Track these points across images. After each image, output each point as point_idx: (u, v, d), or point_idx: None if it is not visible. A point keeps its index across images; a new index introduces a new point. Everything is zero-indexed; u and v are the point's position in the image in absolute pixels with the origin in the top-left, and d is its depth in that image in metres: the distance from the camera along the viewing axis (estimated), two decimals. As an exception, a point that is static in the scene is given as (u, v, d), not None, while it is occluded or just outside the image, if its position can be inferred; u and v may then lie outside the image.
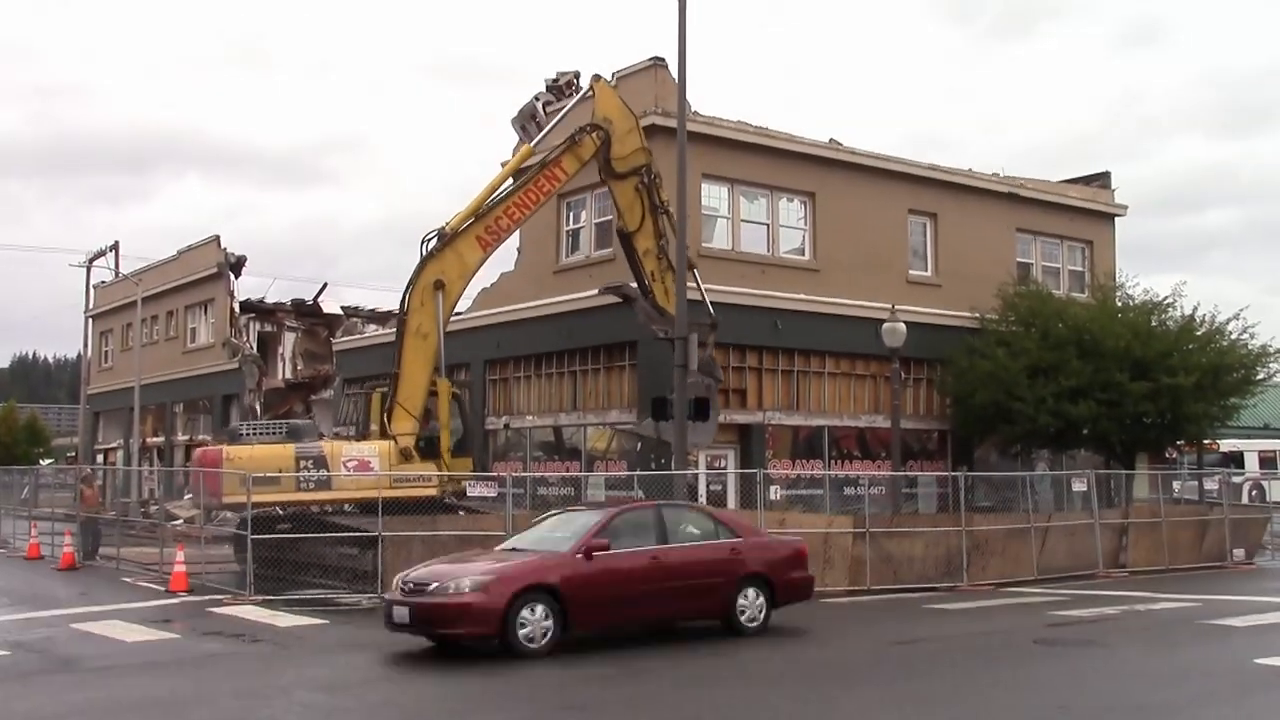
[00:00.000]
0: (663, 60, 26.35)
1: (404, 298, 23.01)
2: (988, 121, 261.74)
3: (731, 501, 25.19)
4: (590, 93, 24.85)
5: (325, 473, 21.62)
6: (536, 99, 29.70)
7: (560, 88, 29.82)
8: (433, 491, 22.06)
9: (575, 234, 28.96)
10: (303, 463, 21.68)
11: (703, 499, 24.63)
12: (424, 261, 22.82)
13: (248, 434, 23.17)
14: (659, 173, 24.20)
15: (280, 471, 21.34)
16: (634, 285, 24.58)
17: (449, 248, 22.92)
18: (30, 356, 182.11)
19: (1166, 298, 30.45)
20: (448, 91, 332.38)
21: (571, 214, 28.70)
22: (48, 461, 64.93)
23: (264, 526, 22.16)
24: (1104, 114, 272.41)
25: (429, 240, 22.92)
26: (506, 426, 29.73)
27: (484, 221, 23.22)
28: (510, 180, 24.55)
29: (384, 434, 22.65)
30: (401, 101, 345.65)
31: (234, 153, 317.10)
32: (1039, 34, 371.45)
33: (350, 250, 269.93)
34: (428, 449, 22.56)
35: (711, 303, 25.23)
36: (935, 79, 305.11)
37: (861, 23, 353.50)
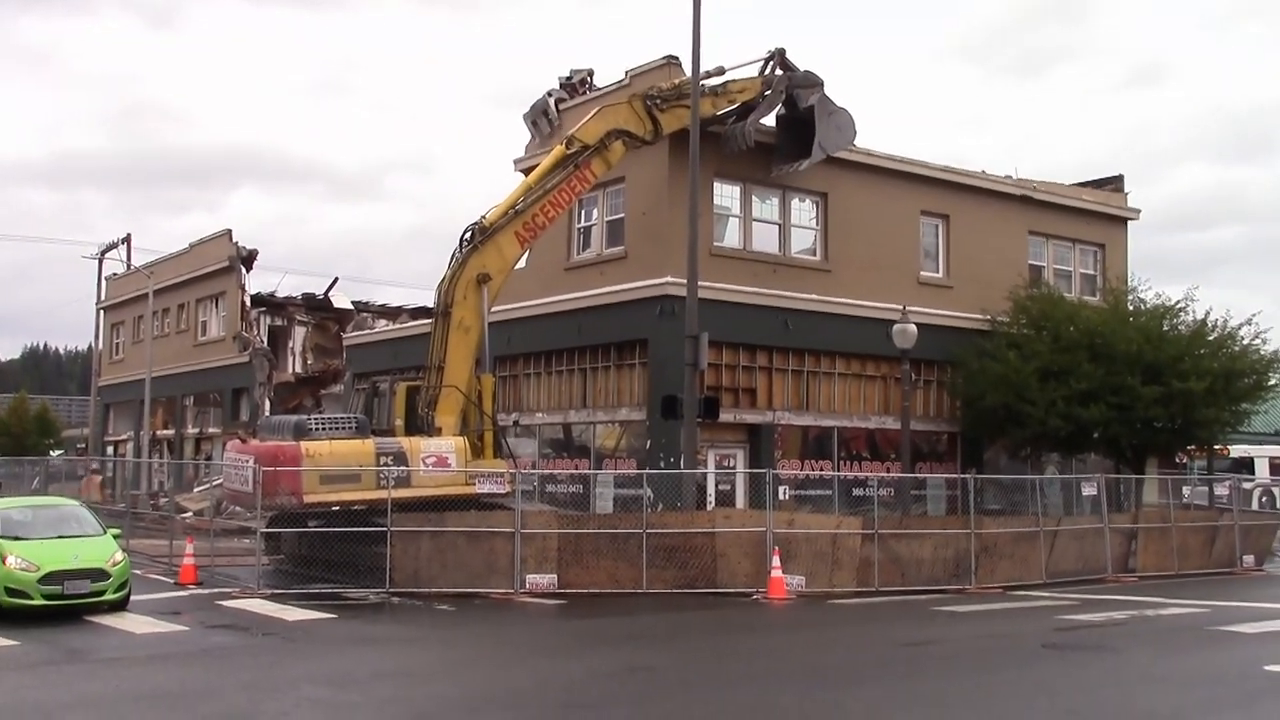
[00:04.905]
0: (676, 59, 26.33)
1: (443, 290, 22.79)
2: (1000, 152, 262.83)
3: (740, 501, 25.16)
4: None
5: (406, 469, 20.70)
6: (549, 95, 29.80)
7: (574, 85, 29.94)
8: (506, 489, 21.56)
9: (586, 231, 28.95)
10: (383, 459, 20.66)
11: (711, 500, 24.61)
12: (466, 255, 22.71)
13: (317, 428, 21.21)
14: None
15: (361, 467, 20.42)
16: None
17: (490, 242, 22.86)
18: (41, 347, 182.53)
19: (1178, 302, 30.29)
20: (495, 113, 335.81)
21: (583, 211, 28.68)
22: (58, 452, 65.03)
23: (293, 523, 21.91)
24: (1114, 146, 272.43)
25: (468, 234, 22.80)
26: (516, 423, 29.71)
27: (522, 218, 23.27)
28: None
29: (409, 428, 22.47)
30: (458, 125, 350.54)
31: (303, 170, 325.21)
32: (1051, 75, 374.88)
33: (389, 254, 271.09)
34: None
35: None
36: (950, 110, 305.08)
37: (874, 51, 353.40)
